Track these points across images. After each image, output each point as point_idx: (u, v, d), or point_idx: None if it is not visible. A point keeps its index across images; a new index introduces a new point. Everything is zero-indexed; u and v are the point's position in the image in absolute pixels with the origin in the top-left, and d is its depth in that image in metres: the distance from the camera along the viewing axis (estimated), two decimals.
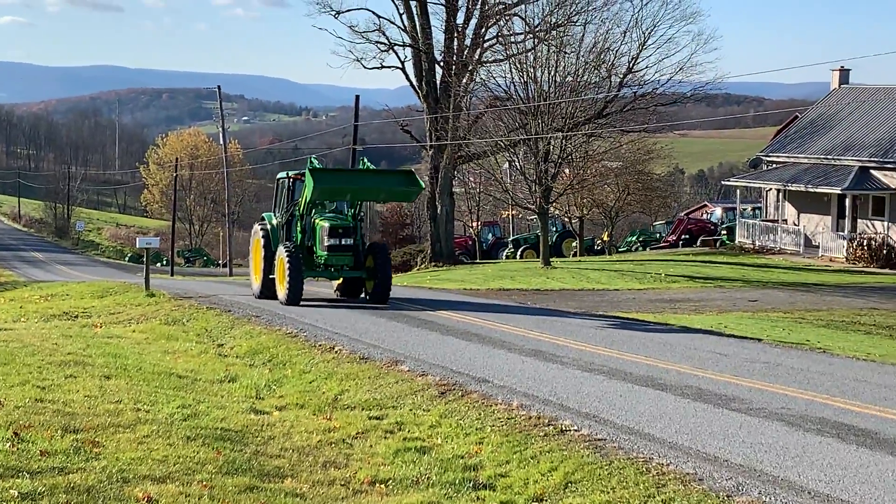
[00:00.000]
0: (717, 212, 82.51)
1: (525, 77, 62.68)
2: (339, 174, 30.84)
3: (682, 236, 75.01)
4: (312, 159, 30.13)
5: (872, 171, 57.48)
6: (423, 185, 38.13)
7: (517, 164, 62.80)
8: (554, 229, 76.71)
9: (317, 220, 29.37)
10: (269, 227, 30.99)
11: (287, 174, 31.47)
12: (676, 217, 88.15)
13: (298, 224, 30.03)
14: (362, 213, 31.59)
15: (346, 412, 16.86)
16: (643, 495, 11.76)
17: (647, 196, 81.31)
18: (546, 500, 12.16)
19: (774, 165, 65.08)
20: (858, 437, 14.12)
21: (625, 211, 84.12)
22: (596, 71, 62.30)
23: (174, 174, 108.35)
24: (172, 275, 76.88)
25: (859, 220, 58.13)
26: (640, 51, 62.57)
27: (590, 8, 62.90)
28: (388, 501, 12.43)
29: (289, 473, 13.34)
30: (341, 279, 31.60)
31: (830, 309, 35.93)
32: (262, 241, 30.82)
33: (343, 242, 28.70)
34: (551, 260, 58.52)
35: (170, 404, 17.05)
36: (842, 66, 67.33)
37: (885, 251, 54.70)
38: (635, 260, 63.22)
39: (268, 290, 30.46)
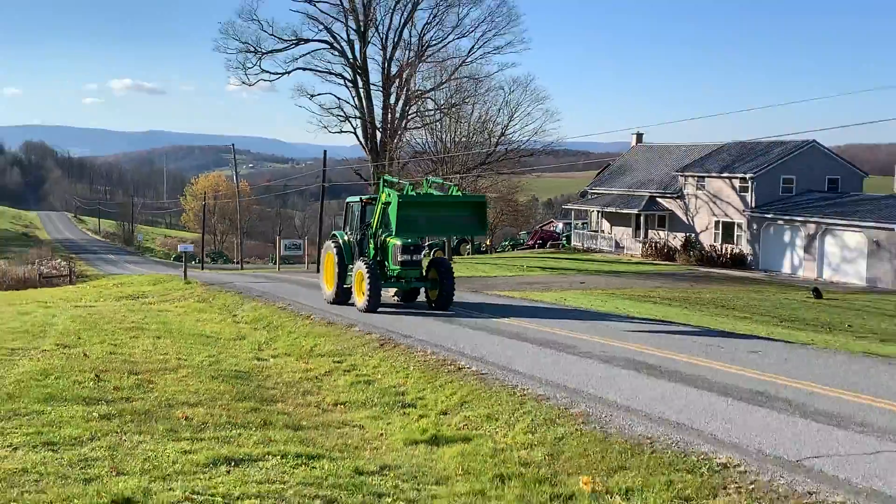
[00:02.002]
0: (560, 225, 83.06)
1: (435, 138, 63.18)
2: (422, 207, 22.19)
3: (538, 241, 75.45)
4: (389, 190, 22.80)
5: (657, 199, 58.41)
6: (488, 225, 28.70)
7: None
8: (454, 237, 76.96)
9: (389, 239, 23.04)
10: (341, 243, 24.29)
11: (360, 199, 24.99)
12: (534, 229, 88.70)
13: (371, 242, 23.68)
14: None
15: (318, 358, 16.84)
16: (512, 409, 11.88)
17: (515, 216, 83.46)
18: (449, 413, 12.25)
19: (596, 195, 65.76)
20: (649, 370, 14.36)
21: (500, 226, 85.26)
22: (481, 134, 62.92)
23: (203, 202, 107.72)
24: (202, 269, 75.81)
25: (649, 230, 59.00)
26: (509, 121, 63.58)
27: (476, 94, 63.72)
28: (346, 416, 12.44)
29: (280, 399, 13.31)
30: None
31: (632, 288, 36.45)
32: (335, 255, 24.19)
33: (414, 258, 22.96)
34: (453, 257, 58.78)
35: (200, 355, 16.97)
36: (638, 132, 68.27)
37: (665, 250, 55.63)
38: (507, 257, 63.56)
39: (341, 298, 24.16)
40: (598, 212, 63.78)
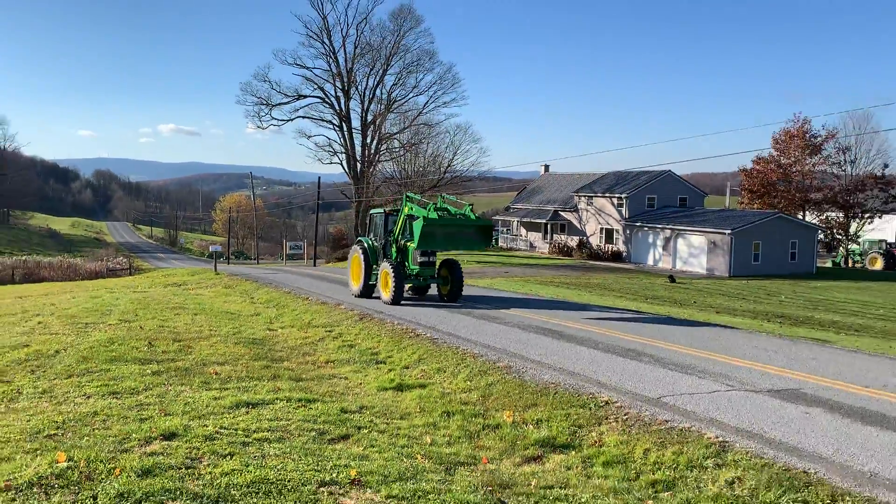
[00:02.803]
0: None
1: (400, 168, 62.91)
2: (441, 227, 18.91)
3: None
4: (411, 205, 20.48)
5: (560, 212, 58.76)
6: (493, 241, 21.97)
7: None
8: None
9: (409, 244, 20.39)
10: (366, 247, 21.49)
11: (383, 210, 22.20)
12: None
13: (394, 246, 20.92)
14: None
15: (315, 329, 16.67)
16: (456, 363, 11.87)
17: None
18: (410, 367, 12.19)
19: (516, 209, 66.00)
20: (553, 334, 14.46)
21: None
22: (433, 165, 62.86)
23: (229, 215, 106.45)
24: (228, 264, 74.71)
25: (554, 234, 59.30)
26: (454, 156, 63.52)
27: (430, 136, 63.83)
28: (335, 370, 12.33)
29: (286, 358, 13.14)
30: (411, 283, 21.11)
31: (541, 275, 36.68)
32: (361, 257, 21.45)
33: (430, 260, 20.43)
34: None
35: (226, 327, 16.69)
36: (546, 164, 68.76)
37: (565, 248, 56.02)
38: (452, 254, 63.45)
39: (366, 293, 21.41)
40: (518, 221, 64.09)
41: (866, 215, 56.22)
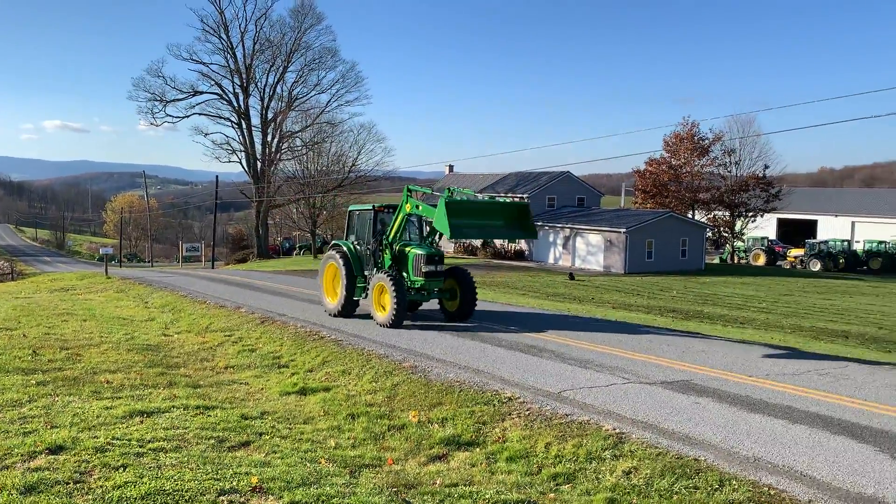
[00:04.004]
0: None
1: (302, 167, 61.96)
2: (473, 211, 15.09)
3: None
4: (414, 201, 16.36)
5: None
6: (536, 230, 18.23)
7: (300, 209, 62.00)
8: (320, 241, 75.60)
9: (409, 249, 16.18)
10: (347, 253, 16.84)
11: (372, 207, 17.15)
12: None
13: (387, 252, 16.43)
14: (438, 240, 16.73)
15: (213, 333, 16.16)
16: (360, 365, 11.79)
17: None
18: (314, 370, 12.03)
19: None
20: (457, 332, 14.50)
21: None
22: (337, 164, 62.21)
23: (121, 216, 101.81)
24: (121, 267, 71.30)
25: None
26: (358, 155, 63.03)
27: (333, 135, 63.18)
28: (235, 376, 12.02)
29: (182, 365, 12.70)
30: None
31: None
32: (341, 266, 16.67)
33: (437, 269, 15.92)
34: (318, 255, 57.68)
35: (118, 333, 15.95)
36: (450, 164, 69.20)
37: (469, 247, 56.54)
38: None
39: (348, 311, 16.76)
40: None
41: (750, 214, 59.67)
